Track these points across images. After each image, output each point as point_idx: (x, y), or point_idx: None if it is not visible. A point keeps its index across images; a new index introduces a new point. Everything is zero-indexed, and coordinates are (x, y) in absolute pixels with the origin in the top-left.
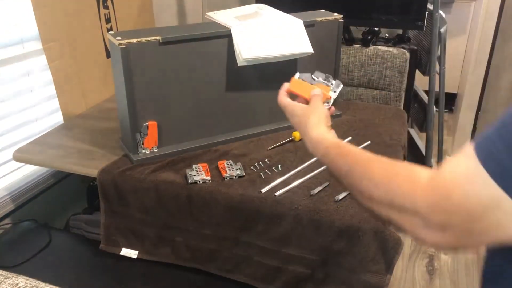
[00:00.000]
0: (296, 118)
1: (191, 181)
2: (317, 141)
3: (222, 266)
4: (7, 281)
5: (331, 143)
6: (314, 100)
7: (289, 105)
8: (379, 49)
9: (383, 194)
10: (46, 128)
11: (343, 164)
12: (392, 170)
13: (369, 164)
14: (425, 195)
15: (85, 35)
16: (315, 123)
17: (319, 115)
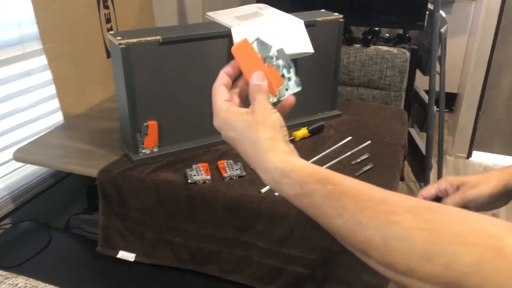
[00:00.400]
0: (232, 133)
1: (191, 181)
2: (280, 172)
3: (222, 267)
4: (7, 281)
5: (305, 175)
6: (258, 100)
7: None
8: (380, 49)
9: (440, 269)
10: (46, 128)
11: (340, 213)
12: (446, 229)
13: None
14: None
15: (85, 35)
16: (267, 143)
17: (271, 125)
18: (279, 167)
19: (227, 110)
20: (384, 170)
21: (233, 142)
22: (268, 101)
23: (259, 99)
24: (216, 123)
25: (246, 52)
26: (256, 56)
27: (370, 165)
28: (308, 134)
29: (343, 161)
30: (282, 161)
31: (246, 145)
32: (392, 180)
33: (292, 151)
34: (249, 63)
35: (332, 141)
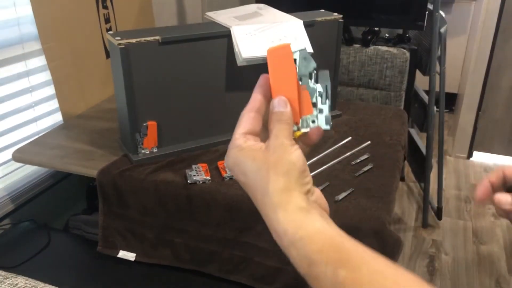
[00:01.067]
0: (241, 177)
1: (191, 181)
2: (288, 239)
3: (222, 267)
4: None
5: (316, 250)
6: (275, 133)
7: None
8: (379, 49)
9: None
10: (45, 129)
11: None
12: None
13: None
14: None
15: (85, 35)
16: (277, 196)
17: (286, 170)
18: (288, 231)
19: (239, 147)
20: (384, 171)
21: (245, 188)
22: (289, 134)
23: (276, 131)
24: (226, 162)
25: (283, 61)
26: (293, 70)
27: (370, 166)
28: None
29: (343, 161)
30: (293, 224)
31: (257, 194)
32: (392, 180)
33: (309, 208)
34: (281, 76)
35: (332, 141)
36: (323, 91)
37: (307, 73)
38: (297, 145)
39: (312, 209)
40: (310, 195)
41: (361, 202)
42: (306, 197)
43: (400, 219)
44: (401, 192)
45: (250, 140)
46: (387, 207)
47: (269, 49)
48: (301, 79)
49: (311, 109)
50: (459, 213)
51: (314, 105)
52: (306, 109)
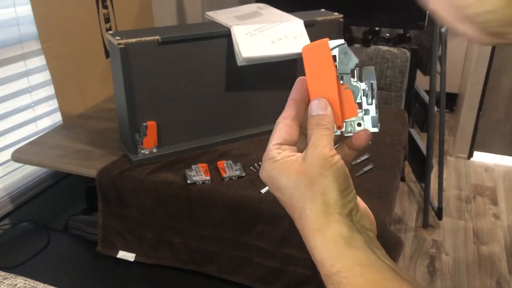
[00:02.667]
0: (277, 193)
1: (191, 182)
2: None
3: (222, 268)
4: (6, 282)
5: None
6: (313, 141)
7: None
8: (380, 49)
9: None
10: (45, 129)
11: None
12: None
13: None
14: None
15: (84, 35)
16: (315, 220)
17: (324, 189)
18: (325, 262)
19: (273, 159)
20: (384, 171)
21: (282, 204)
22: (329, 142)
23: (315, 139)
24: (261, 175)
25: (321, 59)
26: (332, 68)
27: (371, 166)
28: None
29: None
30: (330, 254)
31: (294, 214)
32: (392, 180)
33: (351, 233)
34: (319, 76)
35: None
36: (368, 90)
37: (349, 70)
38: (338, 156)
39: (354, 234)
40: (353, 214)
41: None
42: (348, 220)
43: (400, 219)
44: (401, 192)
45: (285, 150)
46: (387, 207)
47: (305, 46)
48: (342, 78)
49: (355, 111)
50: (459, 213)
51: (359, 106)
52: (349, 111)
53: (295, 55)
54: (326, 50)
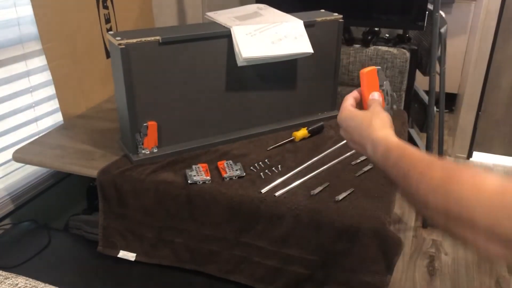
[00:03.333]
0: (353, 122)
1: (191, 182)
2: (379, 142)
3: (222, 267)
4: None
5: (393, 145)
6: (375, 105)
7: (348, 109)
8: (379, 49)
9: (440, 201)
10: (45, 129)
11: (401, 166)
12: (454, 175)
13: (429, 167)
14: (489, 204)
15: (85, 35)
16: (379, 125)
17: (383, 118)
18: (380, 138)
19: (351, 109)
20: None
21: (352, 128)
22: (380, 108)
23: (375, 105)
24: (339, 117)
25: (371, 76)
26: (376, 80)
27: (370, 166)
28: (308, 135)
29: (343, 162)
30: (383, 136)
31: (362, 127)
32: None
33: (394, 135)
34: (370, 84)
35: (332, 141)
36: (389, 92)
37: (383, 82)
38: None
39: (395, 136)
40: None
41: (361, 202)
42: (393, 131)
43: (400, 219)
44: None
45: (354, 107)
46: (387, 207)
47: (362, 71)
48: (380, 86)
49: (384, 103)
50: None
51: (385, 100)
52: (382, 101)
53: (295, 55)
54: (374, 72)
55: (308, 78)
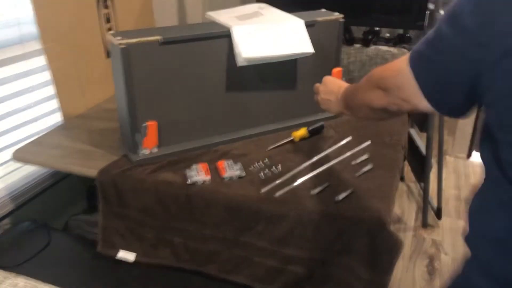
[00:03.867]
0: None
1: (191, 182)
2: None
3: (222, 267)
4: (7, 281)
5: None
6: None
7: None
8: (380, 49)
9: (374, 79)
10: (45, 128)
11: (347, 95)
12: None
13: (356, 88)
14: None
15: (85, 35)
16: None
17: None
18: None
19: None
20: (384, 171)
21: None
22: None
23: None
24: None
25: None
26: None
27: (370, 166)
28: (308, 135)
29: (343, 162)
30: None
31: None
32: (392, 180)
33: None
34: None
35: (332, 141)
36: None
37: None
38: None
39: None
40: None
41: (361, 202)
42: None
43: (400, 219)
44: (401, 192)
45: None
46: (387, 207)
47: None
48: None
49: None
50: (459, 213)
51: None
52: None
53: (295, 55)
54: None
55: (308, 78)
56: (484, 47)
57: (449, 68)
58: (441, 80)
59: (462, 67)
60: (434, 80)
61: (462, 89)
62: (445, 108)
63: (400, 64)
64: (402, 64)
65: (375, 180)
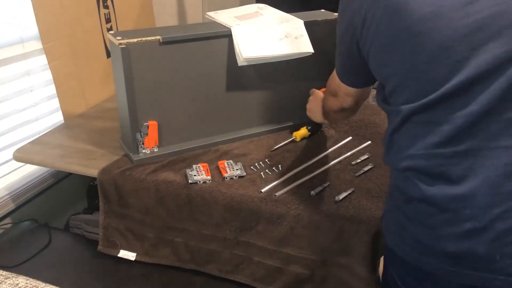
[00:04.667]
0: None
1: (191, 181)
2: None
3: (222, 267)
4: (7, 281)
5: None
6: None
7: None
8: None
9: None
10: (46, 128)
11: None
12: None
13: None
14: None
15: (85, 34)
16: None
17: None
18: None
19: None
20: (384, 170)
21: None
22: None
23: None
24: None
25: None
26: None
27: (370, 165)
28: (308, 133)
29: (343, 161)
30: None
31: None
32: None
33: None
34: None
35: (332, 141)
36: None
37: None
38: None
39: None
40: None
41: (361, 202)
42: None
43: None
44: None
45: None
46: None
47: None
48: None
49: None
50: None
51: None
52: None
53: (296, 55)
54: None
55: (308, 78)
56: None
57: (346, 51)
58: (346, 63)
59: (349, 45)
60: (343, 65)
61: (357, 63)
62: (357, 84)
63: (334, 70)
64: (335, 70)
65: (375, 180)
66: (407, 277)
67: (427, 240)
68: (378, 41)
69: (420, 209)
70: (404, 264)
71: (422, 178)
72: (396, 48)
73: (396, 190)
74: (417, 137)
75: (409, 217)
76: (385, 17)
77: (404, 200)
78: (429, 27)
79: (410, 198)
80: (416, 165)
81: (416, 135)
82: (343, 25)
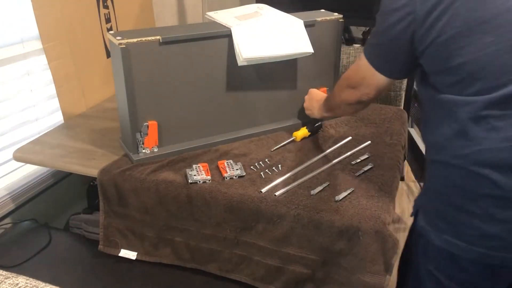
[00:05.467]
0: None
1: (191, 181)
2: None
3: (222, 266)
4: (7, 281)
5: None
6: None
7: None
8: None
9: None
10: (46, 128)
11: (330, 94)
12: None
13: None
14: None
15: (85, 34)
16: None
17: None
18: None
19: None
20: (384, 170)
21: (309, 102)
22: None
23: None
24: (312, 91)
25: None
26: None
27: (370, 165)
28: (309, 134)
29: (343, 161)
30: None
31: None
32: (392, 180)
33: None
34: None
35: (332, 141)
36: None
37: None
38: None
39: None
40: None
41: (361, 202)
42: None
43: (399, 219)
44: (401, 192)
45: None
46: (387, 207)
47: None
48: None
49: None
50: None
51: None
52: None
53: (295, 55)
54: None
55: (308, 78)
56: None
57: (391, 42)
58: (388, 53)
59: (400, 35)
60: (383, 55)
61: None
62: (395, 73)
63: (357, 62)
64: (358, 61)
65: (375, 180)
66: (460, 273)
67: (499, 233)
68: (451, 30)
69: (493, 204)
70: (458, 261)
71: (503, 172)
72: (475, 37)
73: (454, 189)
74: (497, 130)
75: (475, 213)
76: (466, 6)
77: (469, 198)
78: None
79: (480, 195)
80: (495, 158)
81: (495, 128)
82: (394, 16)
